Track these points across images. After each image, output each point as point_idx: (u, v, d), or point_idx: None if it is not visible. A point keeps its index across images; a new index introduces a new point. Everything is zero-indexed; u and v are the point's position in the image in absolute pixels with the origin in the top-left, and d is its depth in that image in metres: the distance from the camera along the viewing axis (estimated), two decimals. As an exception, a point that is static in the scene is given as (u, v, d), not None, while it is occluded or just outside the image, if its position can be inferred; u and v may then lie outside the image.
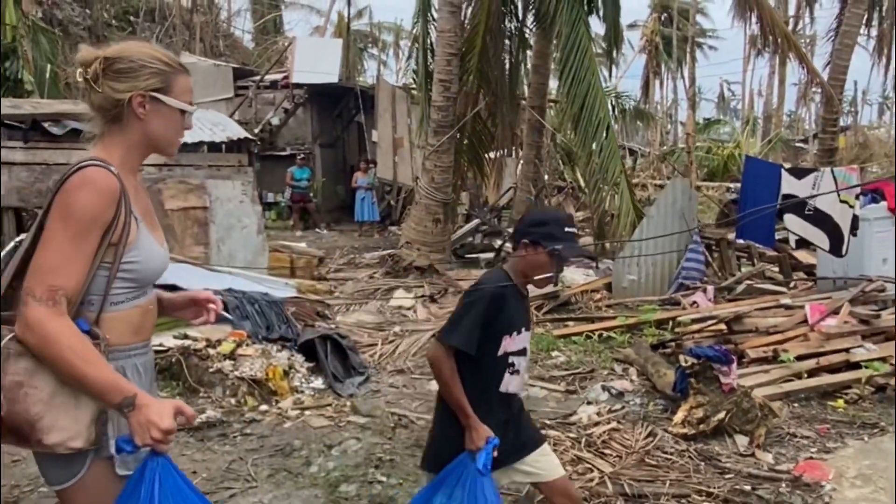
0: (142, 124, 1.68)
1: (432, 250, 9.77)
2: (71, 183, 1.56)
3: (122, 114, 1.65)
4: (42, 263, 1.52)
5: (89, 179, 1.56)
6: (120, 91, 1.63)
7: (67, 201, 1.55)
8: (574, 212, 15.70)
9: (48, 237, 1.54)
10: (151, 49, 1.71)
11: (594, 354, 6.16)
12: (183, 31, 29.81)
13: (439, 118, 9.40)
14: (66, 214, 1.54)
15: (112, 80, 1.63)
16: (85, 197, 1.55)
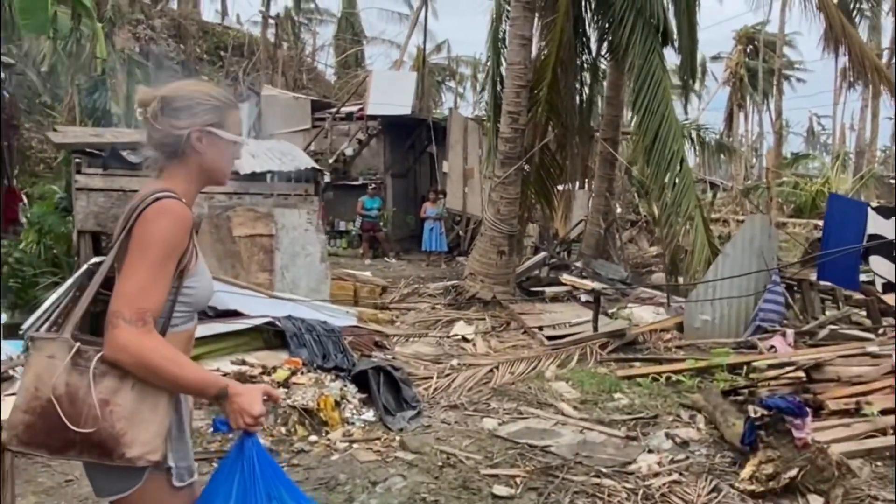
0: (199, 157, 1.78)
1: (496, 282, 9.63)
2: (150, 213, 1.67)
3: (182, 148, 1.76)
4: (129, 288, 1.64)
5: (167, 210, 1.67)
6: (179, 127, 1.73)
7: (149, 230, 1.66)
8: (648, 246, 15.29)
9: (132, 264, 1.66)
10: (204, 87, 1.82)
11: (660, 398, 5.84)
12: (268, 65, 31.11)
13: (506, 150, 9.32)
14: (149, 242, 1.65)
15: (171, 117, 1.73)
16: (165, 226, 1.66)
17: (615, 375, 6.46)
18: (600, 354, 7.17)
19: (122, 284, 1.66)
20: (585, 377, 6.35)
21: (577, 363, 6.92)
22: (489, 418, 5.27)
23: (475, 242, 17.45)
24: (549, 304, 9.53)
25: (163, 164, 1.79)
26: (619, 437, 4.95)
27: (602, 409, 5.60)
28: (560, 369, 6.70)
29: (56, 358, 1.64)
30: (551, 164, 10.22)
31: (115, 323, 1.62)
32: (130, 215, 1.70)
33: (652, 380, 6.35)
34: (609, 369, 6.76)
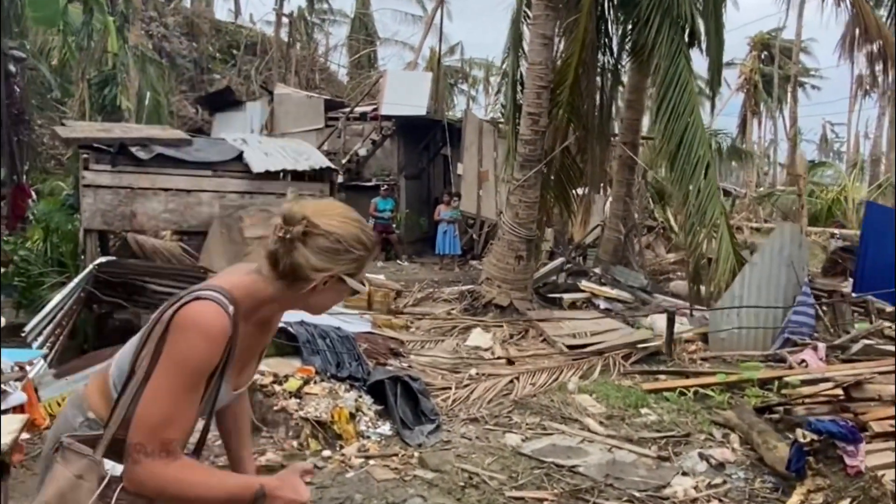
0: (310, 294, 1.59)
1: (513, 288, 9.35)
2: (182, 321, 1.49)
3: (300, 282, 1.56)
4: (152, 417, 1.48)
5: (204, 324, 1.49)
6: (315, 269, 1.55)
7: (179, 348, 1.48)
8: (665, 253, 14.97)
9: (158, 386, 1.48)
10: (354, 226, 1.60)
11: (689, 415, 5.56)
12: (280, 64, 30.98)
13: (526, 152, 9.05)
14: (180, 364, 1.48)
15: (313, 252, 1.54)
16: (196, 345, 1.48)
17: (641, 389, 6.18)
18: (623, 366, 6.89)
19: (146, 410, 1.49)
20: (610, 390, 6.07)
21: (599, 374, 6.64)
22: (512, 434, 5.00)
23: (489, 246, 17.26)
24: (568, 310, 9.25)
25: (261, 268, 1.58)
26: (650, 456, 4.67)
27: (629, 425, 5.32)
28: (583, 381, 6.42)
29: (84, 480, 1.53)
30: (571, 168, 9.94)
31: (136, 458, 1.48)
32: (166, 311, 1.53)
33: (679, 394, 6.06)
34: (633, 382, 6.48)
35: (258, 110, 17.13)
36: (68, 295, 5.70)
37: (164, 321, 1.51)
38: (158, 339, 1.50)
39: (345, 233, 1.56)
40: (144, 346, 1.54)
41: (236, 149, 6.98)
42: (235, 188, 6.87)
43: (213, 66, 30.10)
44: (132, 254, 8.01)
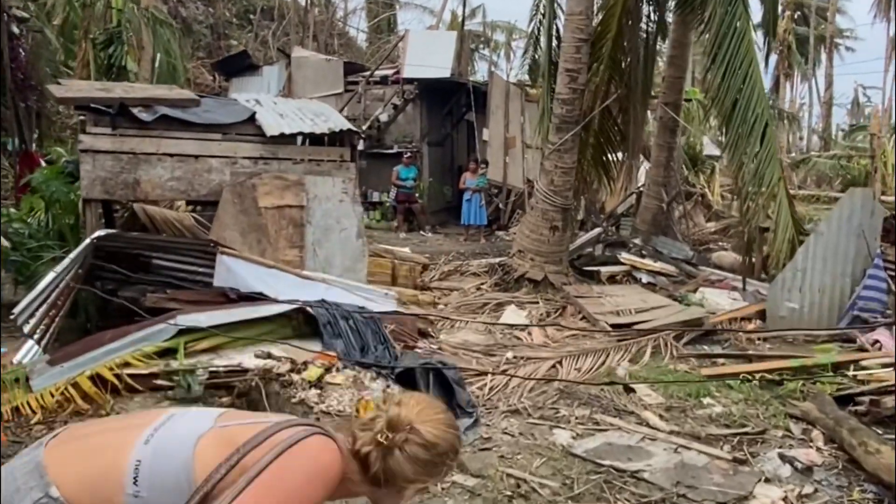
0: (389, 492, 1.49)
1: (547, 261, 8.69)
2: (306, 462, 1.35)
3: (389, 486, 1.46)
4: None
5: (323, 470, 1.38)
6: (409, 480, 1.45)
7: (288, 473, 1.32)
8: (704, 222, 14.17)
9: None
10: (456, 437, 1.52)
11: (759, 406, 4.91)
12: (299, 28, 30.20)
13: (563, 113, 8.31)
14: (283, 489, 1.30)
15: (410, 463, 1.44)
16: (312, 491, 1.35)
17: (700, 374, 5.54)
18: (676, 348, 6.24)
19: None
20: (665, 376, 5.43)
21: (650, 358, 6.00)
22: (560, 429, 4.40)
23: (516, 216, 16.58)
24: (607, 285, 8.58)
25: (352, 465, 1.46)
26: (723, 458, 4.04)
27: (693, 419, 4.69)
28: (632, 365, 5.79)
29: None
30: (611, 130, 9.17)
31: None
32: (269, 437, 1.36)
33: (742, 380, 5.41)
34: (690, 366, 5.84)
35: (275, 75, 16.45)
36: (65, 271, 5.15)
37: (274, 449, 1.32)
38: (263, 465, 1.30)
39: (445, 445, 1.47)
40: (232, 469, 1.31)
41: (248, 110, 6.34)
42: (248, 153, 6.25)
43: (230, 32, 29.43)
44: (141, 226, 7.46)
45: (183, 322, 4.80)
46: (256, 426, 1.39)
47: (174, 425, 1.40)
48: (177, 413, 1.46)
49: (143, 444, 1.35)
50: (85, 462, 1.34)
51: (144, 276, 5.64)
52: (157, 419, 1.42)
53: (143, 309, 5.25)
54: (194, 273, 5.67)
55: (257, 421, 1.42)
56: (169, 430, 1.38)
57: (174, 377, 4.53)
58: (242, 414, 1.54)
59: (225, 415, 1.47)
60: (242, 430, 1.37)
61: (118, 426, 1.49)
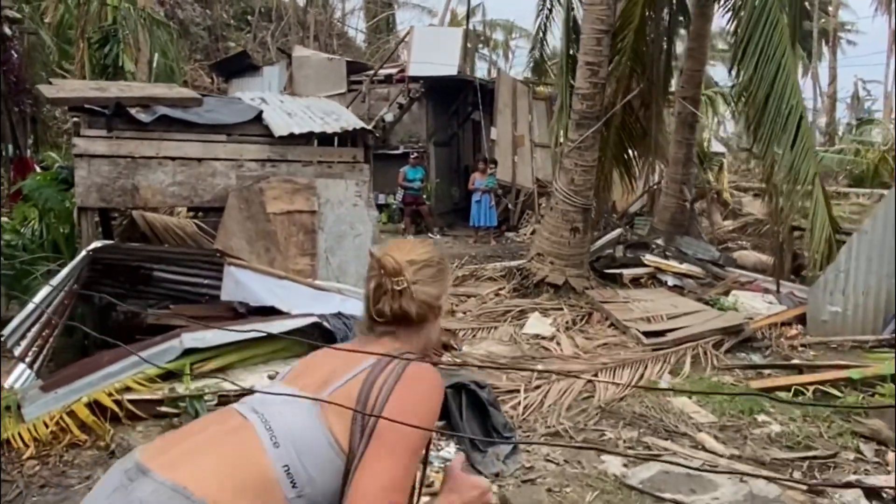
0: (432, 327, 1.53)
1: (568, 264, 8.26)
2: (419, 382, 1.36)
3: (423, 319, 1.48)
4: (386, 480, 1.25)
5: (436, 382, 1.40)
6: (436, 297, 1.50)
7: (413, 400, 1.33)
8: (721, 220, 13.75)
9: (394, 446, 1.28)
10: (431, 247, 1.58)
11: (820, 422, 4.49)
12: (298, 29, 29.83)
13: (583, 108, 7.88)
14: (412, 417, 1.29)
15: (428, 285, 1.48)
16: (435, 403, 1.39)
17: (748, 387, 5.12)
18: (717, 357, 5.83)
19: (377, 473, 1.24)
20: (712, 390, 5.02)
21: (691, 369, 5.58)
22: (609, 455, 3.97)
23: (527, 216, 16.17)
24: (632, 289, 8.16)
25: (390, 329, 1.46)
26: (797, 488, 3.61)
27: (753, 440, 4.26)
28: (674, 378, 5.37)
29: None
30: (633, 126, 8.75)
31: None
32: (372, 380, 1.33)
33: (795, 393, 5.00)
34: (735, 378, 5.42)
35: (276, 75, 16.04)
36: (59, 286, 4.73)
37: (386, 387, 1.32)
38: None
39: (436, 254, 1.54)
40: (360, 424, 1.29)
41: (255, 108, 5.92)
42: (254, 155, 5.83)
43: (228, 34, 29.06)
44: (141, 234, 7.04)
45: (189, 341, 4.38)
46: (354, 380, 1.35)
47: (282, 419, 1.30)
48: (259, 403, 1.35)
49: (275, 449, 1.26)
50: (230, 476, 1.23)
51: (145, 290, 5.22)
52: (253, 420, 1.31)
53: (145, 327, 4.83)
54: (199, 286, 5.26)
55: (349, 376, 1.35)
56: (285, 426, 1.29)
57: (180, 403, 4.11)
58: (312, 370, 1.43)
59: (300, 378, 1.41)
60: (347, 389, 1.33)
61: (221, 431, 1.32)
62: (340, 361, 1.39)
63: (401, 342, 1.45)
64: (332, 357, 1.44)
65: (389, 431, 1.26)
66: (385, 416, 1.27)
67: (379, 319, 1.44)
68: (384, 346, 1.43)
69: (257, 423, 1.29)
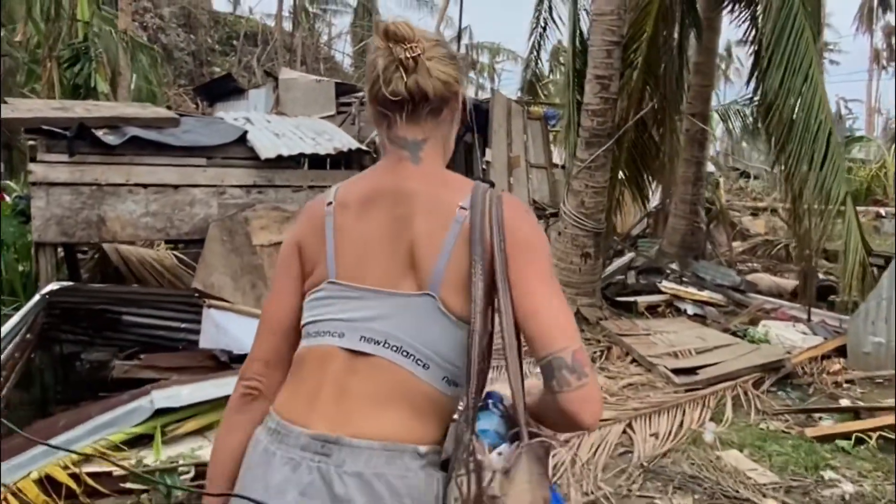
0: (451, 126, 1.35)
1: (579, 293, 7.67)
2: (522, 208, 1.27)
3: (444, 112, 1.29)
4: (570, 314, 1.20)
5: (527, 207, 1.31)
6: (454, 79, 1.28)
7: (538, 233, 1.25)
8: (729, 241, 13.21)
9: (554, 279, 1.22)
10: None
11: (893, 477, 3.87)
12: (284, 53, 29.42)
13: (594, 125, 7.33)
14: (545, 253, 1.24)
15: (446, 65, 1.26)
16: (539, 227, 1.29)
17: (805, 437, 4.50)
18: (759, 398, 5.21)
19: (558, 302, 1.17)
20: (766, 442, 4.39)
21: (733, 414, 4.96)
22: (665, 531, 3.34)
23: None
24: (651, 319, 7.56)
25: (423, 136, 1.27)
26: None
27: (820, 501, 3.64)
28: (717, 426, 4.75)
29: (533, 480, 1.09)
30: (647, 144, 8.21)
31: (588, 364, 1.12)
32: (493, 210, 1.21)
33: (857, 441, 4.39)
34: (786, 424, 4.80)
35: (262, 98, 15.49)
36: (10, 334, 4.06)
37: (481, 223, 1.17)
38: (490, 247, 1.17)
39: (441, 37, 1.33)
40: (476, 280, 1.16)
41: (238, 129, 5.31)
42: (238, 180, 5.21)
43: (213, 59, 28.63)
44: (114, 270, 6.38)
45: (160, 400, 3.71)
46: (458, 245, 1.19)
47: (407, 332, 1.19)
48: (364, 328, 1.19)
49: (427, 371, 1.19)
50: (409, 415, 1.19)
51: (113, 336, 4.55)
52: (382, 353, 1.19)
53: (111, 380, 4.16)
54: (174, 330, 4.60)
55: (449, 243, 1.19)
56: (418, 339, 1.19)
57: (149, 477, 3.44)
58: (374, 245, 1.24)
59: (363, 270, 1.22)
60: (456, 257, 1.19)
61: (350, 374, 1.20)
62: (411, 222, 1.20)
63: (431, 145, 1.28)
64: (385, 215, 1.22)
65: (540, 258, 1.20)
66: (518, 244, 1.17)
67: (392, 100, 1.22)
68: (424, 163, 1.26)
69: (388, 353, 1.18)
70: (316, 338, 1.21)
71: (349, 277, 1.21)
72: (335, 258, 1.22)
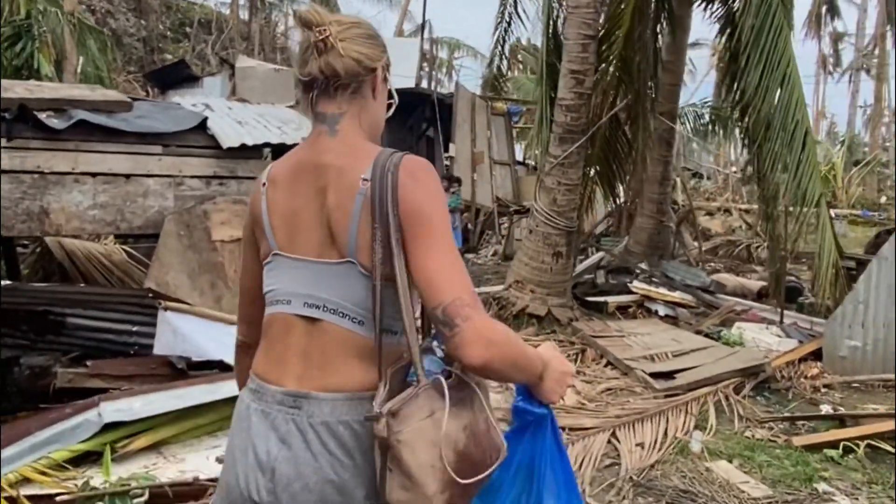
0: (375, 106, 1.43)
1: (550, 293, 7.50)
2: (424, 169, 1.33)
3: (362, 88, 1.39)
4: (453, 268, 1.25)
5: (429, 167, 1.35)
6: (371, 59, 1.37)
7: (434, 195, 1.31)
8: (692, 240, 13.24)
9: (441, 235, 1.28)
10: None
11: (890, 490, 3.75)
12: (239, 42, 28.61)
13: (567, 121, 7.14)
14: (441, 212, 1.31)
15: (359, 45, 1.36)
16: (440, 188, 1.36)
17: (792, 446, 4.36)
18: (741, 404, 5.08)
19: (437, 263, 1.24)
20: (755, 452, 4.24)
21: (716, 420, 4.81)
22: (662, 553, 3.12)
23: (486, 237, 15.40)
24: (622, 320, 7.41)
25: (339, 110, 1.36)
26: None
27: (823, 521, 3.49)
28: (703, 434, 4.58)
29: (436, 413, 1.23)
30: (620, 141, 8.05)
31: (467, 314, 1.19)
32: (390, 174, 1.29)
33: (845, 450, 4.27)
34: (771, 432, 4.66)
35: (217, 86, 14.93)
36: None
37: (380, 191, 1.27)
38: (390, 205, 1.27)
39: (368, 22, 1.44)
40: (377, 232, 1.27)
41: (198, 115, 4.92)
42: (197, 171, 4.83)
43: (164, 46, 27.66)
44: (58, 265, 5.91)
45: (110, 413, 3.34)
46: (363, 209, 1.30)
47: (339, 295, 1.34)
48: (306, 294, 1.36)
49: (362, 326, 1.33)
50: (359, 367, 1.34)
51: (56, 341, 4.13)
52: (326, 317, 1.35)
53: (55, 390, 3.76)
54: (125, 333, 4.20)
55: (356, 208, 1.30)
56: (348, 299, 1.33)
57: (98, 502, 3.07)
58: (300, 218, 1.38)
59: (294, 239, 1.38)
60: (363, 222, 1.30)
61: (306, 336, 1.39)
62: (326, 195, 1.32)
63: (348, 119, 1.37)
64: (308, 189, 1.34)
65: (427, 222, 1.26)
66: (407, 213, 1.26)
67: (305, 79, 1.36)
68: (340, 135, 1.36)
69: (329, 316, 1.32)
70: (273, 306, 1.38)
71: (286, 249, 1.35)
72: (272, 232, 1.37)
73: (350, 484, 1.27)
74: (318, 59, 1.33)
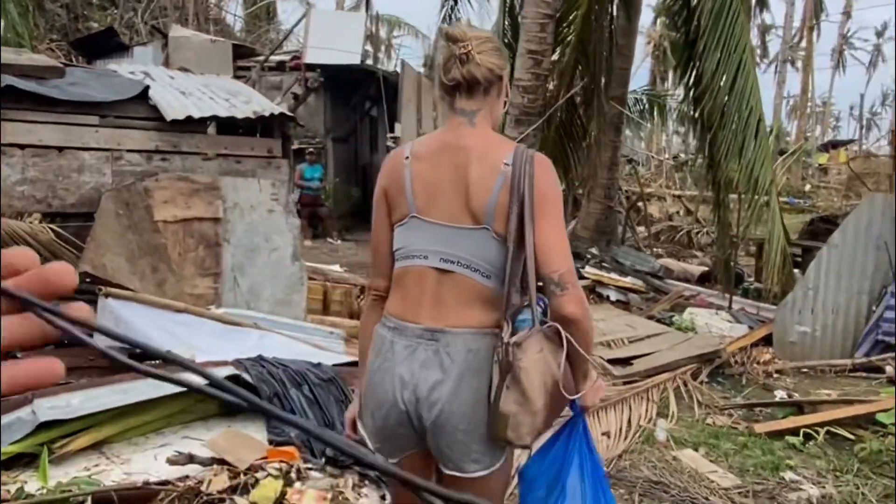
0: (499, 104, 1.72)
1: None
2: (550, 165, 1.65)
3: (492, 90, 1.67)
4: (563, 244, 1.59)
5: (551, 164, 1.67)
6: (501, 68, 1.67)
7: (554, 184, 1.63)
8: (648, 227, 13.38)
9: (557, 217, 1.61)
10: None
11: (856, 478, 3.78)
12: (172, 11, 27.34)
13: (524, 103, 6.99)
14: (558, 198, 1.62)
15: (492, 56, 1.66)
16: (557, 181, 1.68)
17: (754, 433, 4.36)
18: (700, 391, 5.08)
19: (556, 239, 1.58)
20: (720, 440, 4.23)
21: (676, 407, 4.79)
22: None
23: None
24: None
25: (476, 107, 1.65)
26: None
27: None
28: (665, 421, 4.54)
29: (544, 350, 1.55)
30: (574, 125, 7.96)
31: (574, 282, 1.55)
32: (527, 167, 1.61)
33: (805, 437, 4.30)
34: (732, 419, 4.67)
35: (149, 56, 14.12)
36: None
37: (519, 175, 1.56)
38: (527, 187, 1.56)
39: (492, 35, 1.72)
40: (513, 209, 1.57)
41: (138, 83, 4.52)
42: (138, 144, 4.45)
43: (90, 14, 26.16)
44: (-24, 243, 5.39)
45: (45, 411, 3.02)
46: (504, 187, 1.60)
47: (473, 253, 1.64)
48: (444, 250, 1.68)
49: (488, 280, 1.64)
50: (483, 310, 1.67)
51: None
52: (459, 270, 1.65)
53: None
54: (60, 321, 3.82)
55: (497, 186, 1.60)
56: (480, 257, 1.62)
57: (32, 511, 2.76)
58: (441, 187, 1.67)
59: (432, 205, 1.67)
60: (502, 197, 1.60)
61: (438, 284, 1.71)
62: (468, 169, 1.60)
63: (483, 114, 1.65)
64: (448, 164, 1.62)
65: (552, 207, 1.58)
66: (539, 196, 1.56)
67: (450, 84, 1.63)
68: (478, 127, 1.64)
69: (462, 270, 1.61)
70: (409, 259, 1.65)
71: (424, 213, 1.62)
72: (413, 198, 1.63)
73: (472, 397, 1.59)
74: (460, 67, 1.61)
